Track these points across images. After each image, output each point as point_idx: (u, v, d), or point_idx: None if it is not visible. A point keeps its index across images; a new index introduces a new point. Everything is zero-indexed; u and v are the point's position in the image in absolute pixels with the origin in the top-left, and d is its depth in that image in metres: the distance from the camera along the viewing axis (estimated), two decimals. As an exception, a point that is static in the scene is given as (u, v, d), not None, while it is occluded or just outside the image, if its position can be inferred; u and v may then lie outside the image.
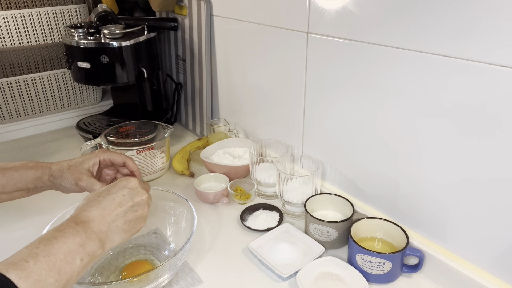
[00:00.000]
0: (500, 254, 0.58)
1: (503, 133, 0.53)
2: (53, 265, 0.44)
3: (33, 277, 0.42)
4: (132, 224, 0.56)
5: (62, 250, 0.46)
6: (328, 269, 0.66)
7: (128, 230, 0.56)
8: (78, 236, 0.48)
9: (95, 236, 0.50)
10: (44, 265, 0.43)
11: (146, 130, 1.04)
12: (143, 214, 0.58)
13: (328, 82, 0.77)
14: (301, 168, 0.89)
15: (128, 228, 0.55)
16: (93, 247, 0.49)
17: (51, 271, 0.44)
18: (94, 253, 0.49)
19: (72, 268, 0.46)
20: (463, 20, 0.53)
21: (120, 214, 0.55)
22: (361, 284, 0.63)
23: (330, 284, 0.63)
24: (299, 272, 0.65)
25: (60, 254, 0.45)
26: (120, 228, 0.54)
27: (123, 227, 0.55)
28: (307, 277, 0.64)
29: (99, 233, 0.51)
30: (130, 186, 0.58)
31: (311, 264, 0.67)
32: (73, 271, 0.46)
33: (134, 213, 0.56)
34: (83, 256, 0.48)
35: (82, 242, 0.48)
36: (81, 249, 0.48)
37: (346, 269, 0.66)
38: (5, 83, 1.15)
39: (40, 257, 0.44)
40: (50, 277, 0.43)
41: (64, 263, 0.45)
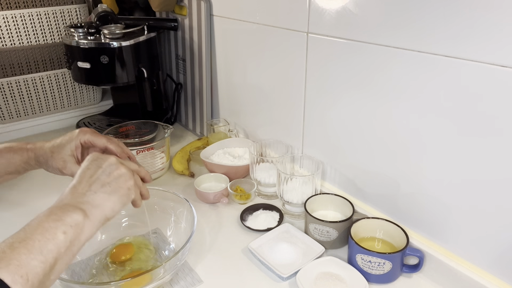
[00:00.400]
0: (500, 254, 0.58)
1: (503, 133, 0.53)
2: (32, 247, 0.42)
3: (14, 263, 0.40)
4: (114, 185, 0.53)
5: (37, 231, 0.43)
6: (328, 269, 0.66)
7: (112, 192, 0.52)
8: (51, 214, 0.46)
9: (71, 208, 0.47)
10: (22, 249, 0.41)
11: (146, 130, 1.04)
12: (121, 173, 0.54)
13: (328, 82, 0.77)
14: (301, 168, 0.89)
15: (110, 190, 0.52)
16: (74, 217, 0.46)
17: (32, 253, 0.41)
18: (78, 223, 0.46)
19: (56, 244, 0.44)
20: (463, 20, 0.53)
21: (93, 181, 0.52)
22: (361, 284, 0.63)
23: (330, 284, 0.63)
24: (299, 272, 0.65)
25: (37, 235, 0.43)
26: (100, 191, 0.51)
27: (104, 189, 0.52)
28: (307, 277, 0.64)
29: (75, 203, 0.48)
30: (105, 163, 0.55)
31: (311, 264, 0.67)
32: (59, 247, 0.44)
33: (109, 175, 0.53)
34: (65, 229, 0.45)
35: (57, 217, 0.46)
36: (59, 224, 0.45)
37: (346, 269, 0.66)
38: (5, 83, 1.15)
39: (16, 244, 0.42)
40: (32, 260, 0.41)
41: (44, 242, 0.43)
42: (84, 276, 0.67)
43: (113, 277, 0.67)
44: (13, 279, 0.39)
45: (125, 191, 0.54)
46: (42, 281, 0.42)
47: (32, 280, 0.41)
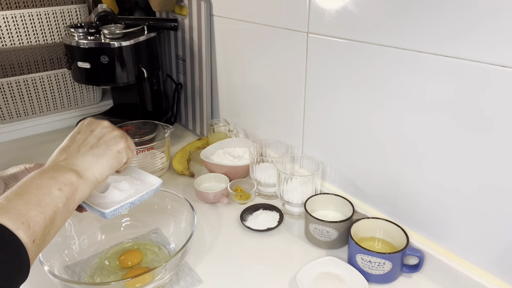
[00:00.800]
0: (500, 254, 0.58)
1: (503, 134, 0.53)
2: (29, 199, 0.42)
3: (13, 212, 0.40)
4: (103, 148, 0.52)
5: (31, 186, 0.43)
6: (328, 269, 0.66)
7: (102, 154, 0.52)
8: (44, 173, 0.46)
9: (63, 168, 0.47)
10: (19, 200, 0.41)
11: (146, 130, 1.04)
12: (112, 135, 0.54)
13: (328, 82, 0.77)
14: (301, 168, 0.89)
15: (99, 152, 0.52)
16: (67, 177, 0.46)
17: (29, 204, 0.41)
18: (72, 183, 0.46)
19: (52, 199, 0.43)
20: (463, 20, 0.53)
21: (83, 146, 0.52)
22: (361, 284, 0.63)
23: (330, 284, 0.63)
24: (299, 272, 0.65)
25: (32, 189, 0.43)
26: (90, 154, 0.51)
27: (93, 152, 0.51)
28: (307, 277, 0.64)
29: (66, 165, 0.48)
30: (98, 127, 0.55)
31: (311, 264, 0.67)
32: (56, 202, 0.44)
33: (99, 139, 0.53)
34: (60, 186, 0.45)
35: (50, 176, 0.45)
36: (53, 181, 0.45)
37: (346, 269, 0.66)
38: (5, 83, 1.15)
39: (11, 197, 0.41)
40: (31, 210, 0.41)
41: (40, 196, 0.43)
42: (84, 276, 0.67)
43: (113, 277, 0.67)
44: (15, 225, 0.39)
45: (114, 154, 0.53)
46: (44, 233, 0.42)
47: (33, 228, 0.40)
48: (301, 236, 0.78)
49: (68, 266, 0.67)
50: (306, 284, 0.63)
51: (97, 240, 0.74)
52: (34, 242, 0.40)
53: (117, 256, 0.71)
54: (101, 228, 0.75)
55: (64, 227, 0.69)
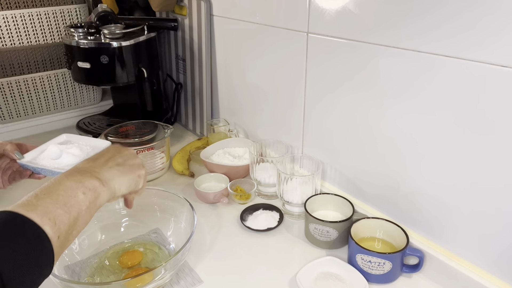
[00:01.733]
0: (500, 254, 0.58)
1: (503, 134, 0.53)
2: (56, 199, 0.44)
3: (40, 209, 0.42)
4: (128, 168, 0.56)
5: (60, 187, 0.46)
6: (328, 269, 0.66)
7: (126, 172, 0.55)
8: (72, 176, 0.49)
9: (89, 174, 0.50)
10: (47, 199, 0.44)
11: (146, 130, 1.04)
12: (136, 162, 0.58)
13: (328, 82, 0.77)
14: (301, 168, 0.89)
15: (124, 170, 0.55)
16: (92, 183, 0.49)
17: (57, 203, 0.44)
18: (96, 188, 0.49)
19: (77, 202, 0.46)
20: (463, 20, 0.53)
21: (110, 161, 0.55)
22: (361, 284, 0.63)
23: (330, 284, 0.63)
24: (299, 272, 0.65)
25: (60, 191, 0.46)
26: (115, 169, 0.54)
27: (118, 168, 0.55)
28: (307, 277, 0.64)
29: (93, 172, 0.51)
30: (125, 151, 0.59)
31: (311, 264, 0.67)
32: (80, 204, 0.46)
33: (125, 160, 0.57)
34: (84, 191, 0.48)
35: (78, 179, 0.48)
36: (79, 185, 0.48)
37: (346, 269, 0.66)
38: (5, 83, 1.15)
39: (40, 195, 0.44)
40: (58, 208, 0.44)
41: (66, 197, 0.45)
42: (84, 276, 0.67)
43: (113, 277, 0.67)
44: (42, 220, 0.41)
45: (136, 176, 0.57)
46: (67, 232, 0.44)
47: (59, 225, 0.43)
48: (301, 236, 0.78)
49: (68, 266, 0.67)
50: (306, 284, 0.63)
51: (97, 240, 0.74)
52: (58, 239, 0.43)
53: (117, 256, 0.72)
54: (101, 228, 0.75)
55: (64, 227, 0.69)
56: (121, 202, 0.76)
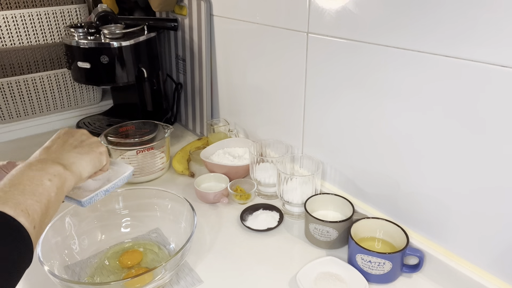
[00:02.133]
0: (500, 254, 0.58)
1: (503, 134, 0.53)
2: (23, 190, 0.43)
3: (11, 201, 0.41)
4: (86, 148, 0.55)
5: (24, 177, 0.45)
6: (328, 269, 0.66)
7: (85, 153, 0.54)
8: (33, 165, 0.48)
9: (50, 161, 0.49)
10: (15, 191, 0.43)
11: (146, 130, 1.04)
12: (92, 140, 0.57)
13: (328, 82, 0.77)
14: (301, 168, 0.89)
15: (83, 151, 0.54)
16: (55, 168, 0.48)
17: (25, 194, 0.43)
18: (60, 174, 0.48)
19: (45, 189, 0.45)
20: (463, 20, 0.53)
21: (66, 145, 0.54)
22: (361, 284, 0.63)
23: (330, 284, 0.63)
24: (299, 272, 0.65)
25: (25, 181, 0.45)
26: (74, 152, 0.53)
27: (77, 150, 0.54)
28: (307, 277, 0.64)
29: (53, 158, 0.50)
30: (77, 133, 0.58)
31: (311, 264, 0.67)
32: (48, 192, 0.45)
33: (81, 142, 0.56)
34: (50, 177, 0.47)
35: (40, 168, 0.47)
36: (43, 173, 0.47)
37: (346, 269, 0.66)
38: (5, 83, 1.15)
39: (6, 189, 0.43)
40: (27, 199, 0.43)
41: (33, 187, 0.44)
42: (84, 276, 0.67)
43: (113, 277, 0.67)
44: (16, 212, 0.41)
45: (97, 154, 0.56)
46: (41, 221, 0.44)
47: (32, 215, 0.42)
48: (301, 236, 0.78)
49: (68, 266, 0.67)
50: (306, 284, 0.63)
51: (97, 240, 0.74)
52: (34, 229, 0.42)
53: (117, 256, 0.72)
54: (101, 228, 0.75)
55: (64, 227, 0.69)
56: (121, 202, 0.76)
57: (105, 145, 0.92)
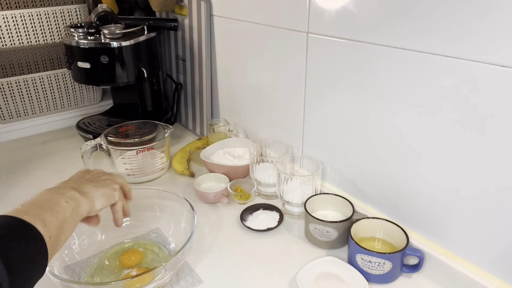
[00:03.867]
0: (500, 254, 0.58)
1: (503, 134, 0.53)
2: (42, 207, 0.47)
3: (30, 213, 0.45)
4: (101, 183, 0.60)
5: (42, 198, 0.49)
6: (328, 269, 0.66)
7: (100, 186, 0.59)
8: (52, 190, 0.52)
9: (67, 188, 0.54)
10: (33, 207, 0.47)
11: (146, 130, 1.04)
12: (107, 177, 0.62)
13: (328, 82, 0.77)
14: (301, 168, 0.89)
15: (98, 185, 0.59)
16: (72, 193, 0.53)
17: (43, 209, 0.47)
18: (76, 198, 0.53)
19: (61, 208, 0.49)
20: (463, 20, 0.53)
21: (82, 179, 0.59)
22: (361, 284, 0.63)
23: (330, 284, 0.63)
24: (299, 272, 0.65)
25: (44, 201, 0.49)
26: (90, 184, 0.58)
27: (91, 184, 0.58)
28: (307, 277, 0.64)
29: (70, 186, 0.55)
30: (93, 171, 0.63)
31: (311, 264, 0.67)
32: (64, 211, 0.49)
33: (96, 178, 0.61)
34: (66, 199, 0.51)
35: (58, 192, 0.52)
36: (60, 195, 0.51)
37: (346, 269, 0.66)
38: (5, 83, 1.15)
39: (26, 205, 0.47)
40: (45, 213, 0.46)
41: (51, 205, 0.49)
42: (84, 276, 0.67)
43: (113, 277, 0.67)
44: (34, 220, 0.44)
45: (110, 190, 0.60)
46: (56, 234, 0.47)
47: (48, 225, 0.46)
48: (301, 236, 0.78)
49: (68, 266, 0.67)
50: (306, 284, 0.63)
51: (97, 240, 0.74)
52: (50, 239, 0.45)
53: (117, 256, 0.72)
54: (101, 228, 0.75)
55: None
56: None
57: (106, 145, 0.93)
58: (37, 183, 0.97)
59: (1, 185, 0.96)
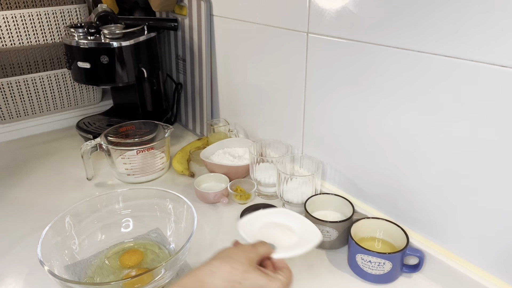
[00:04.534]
0: (500, 254, 0.58)
1: (503, 134, 0.53)
2: None
3: None
4: None
5: None
6: (276, 220, 0.62)
7: None
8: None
9: None
10: None
11: (146, 130, 1.04)
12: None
13: (328, 82, 0.77)
14: (301, 168, 0.89)
15: None
16: None
17: None
18: None
19: None
20: (463, 20, 0.53)
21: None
22: (313, 232, 0.59)
23: (277, 231, 0.60)
24: (242, 220, 0.61)
25: None
26: None
27: None
28: (251, 225, 0.60)
29: None
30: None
31: (258, 213, 0.63)
32: None
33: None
34: None
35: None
36: None
37: (297, 218, 0.62)
38: (5, 83, 1.15)
39: None
40: None
41: None
42: (84, 276, 0.67)
43: (113, 277, 0.67)
44: None
45: None
46: None
47: None
48: (301, 236, 0.77)
49: (68, 266, 0.67)
50: (248, 231, 0.58)
51: (97, 240, 0.74)
52: None
53: (117, 256, 0.72)
54: (101, 228, 0.75)
55: (64, 227, 0.69)
56: (121, 202, 0.76)
57: (106, 145, 0.93)
58: (37, 183, 0.97)
59: (1, 185, 0.96)
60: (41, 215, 0.82)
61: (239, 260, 0.51)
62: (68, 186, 0.96)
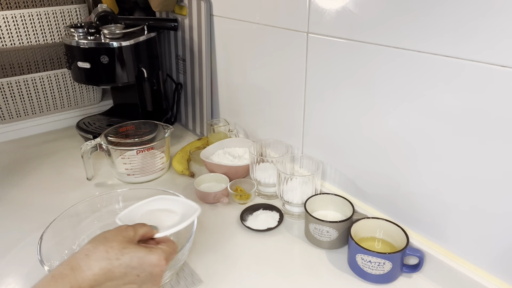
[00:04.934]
0: (500, 254, 0.58)
1: (502, 133, 0.53)
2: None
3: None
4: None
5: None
6: (156, 207, 0.62)
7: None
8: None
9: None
10: None
11: (146, 130, 1.04)
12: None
13: (328, 82, 0.77)
14: (301, 168, 0.89)
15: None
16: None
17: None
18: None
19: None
20: (463, 20, 0.53)
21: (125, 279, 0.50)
22: (192, 208, 0.60)
23: (158, 216, 0.59)
24: (121, 213, 0.60)
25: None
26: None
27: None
28: (132, 216, 0.60)
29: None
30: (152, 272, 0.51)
31: (136, 205, 0.62)
32: None
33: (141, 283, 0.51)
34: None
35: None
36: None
37: (175, 200, 0.63)
38: (5, 83, 1.15)
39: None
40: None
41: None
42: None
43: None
44: None
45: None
46: None
47: None
48: (301, 236, 0.78)
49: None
50: (129, 222, 0.56)
51: (97, 240, 0.74)
52: None
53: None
54: (101, 228, 0.75)
55: (64, 227, 0.69)
56: (121, 202, 0.76)
57: (106, 145, 0.93)
58: (37, 183, 0.97)
59: (1, 185, 0.96)
60: (41, 215, 0.81)
61: (115, 239, 0.51)
62: (68, 186, 0.96)
